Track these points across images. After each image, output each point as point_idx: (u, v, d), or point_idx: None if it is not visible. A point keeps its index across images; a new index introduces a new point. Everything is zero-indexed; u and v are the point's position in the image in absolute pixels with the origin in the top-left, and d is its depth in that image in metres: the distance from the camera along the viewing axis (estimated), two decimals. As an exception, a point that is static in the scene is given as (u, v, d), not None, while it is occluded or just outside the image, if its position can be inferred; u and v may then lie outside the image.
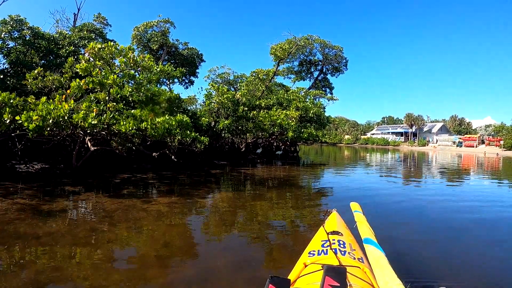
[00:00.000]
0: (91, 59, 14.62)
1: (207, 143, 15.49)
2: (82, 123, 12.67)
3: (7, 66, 18.59)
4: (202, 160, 22.68)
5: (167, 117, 14.21)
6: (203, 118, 22.23)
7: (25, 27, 19.08)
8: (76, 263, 6.03)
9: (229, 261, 6.07)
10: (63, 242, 6.97)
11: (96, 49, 14.20)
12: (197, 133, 15.45)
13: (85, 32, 24.17)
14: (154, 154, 15.56)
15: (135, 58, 14.84)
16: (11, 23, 18.60)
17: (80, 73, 14.01)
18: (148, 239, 7.40)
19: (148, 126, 13.62)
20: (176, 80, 30.14)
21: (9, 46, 18.87)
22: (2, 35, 18.37)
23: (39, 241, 7.05)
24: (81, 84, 13.73)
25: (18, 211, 9.34)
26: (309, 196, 13.40)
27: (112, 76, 13.74)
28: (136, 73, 15.18)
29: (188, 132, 14.60)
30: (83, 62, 14.20)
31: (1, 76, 17.36)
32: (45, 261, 6.06)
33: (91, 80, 13.59)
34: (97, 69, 14.09)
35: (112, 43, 14.49)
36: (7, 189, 12.18)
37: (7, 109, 12.04)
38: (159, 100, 16.86)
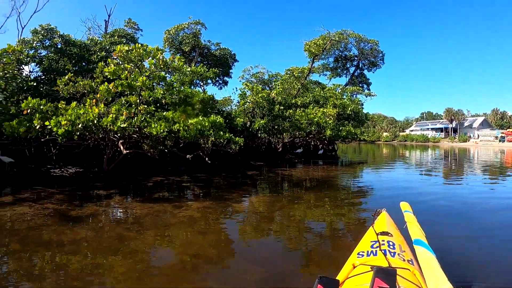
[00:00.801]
0: (120, 62, 14.36)
1: (242, 144, 14.95)
2: (111, 127, 12.42)
3: (40, 74, 18.87)
4: (238, 161, 22.14)
5: (200, 118, 13.74)
6: (238, 119, 21.71)
7: (56, 36, 19.37)
8: (98, 273, 5.71)
9: (262, 278, 5.54)
10: (86, 251, 6.64)
11: (124, 51, 14.01)
12: (232, 134, 14.95)
13: (116, 37, 24.21)
14: (188, 156, 15.12)
15: (164, 59, 14.49)
16: (42, 32, 18.92)
17: (109, 76, 13.91)
18: (176, 248, 6.96)
19: (180, 128, 13.24)
20: (209, 81, 29.82)
21: (41, 55, 19.13)
22: (34, 44, 18.67)
23: (62, 249, 6.76)
24: (110, 88, 13.51)
25: (45, 217, 9.14)
26: (348, 197, 12.74)
27: (141, 78, 13.46)
28: (168, 75, 14.83)
29: (222, 133, 14.11)
30: (112, 65, 14.05)
31: (35, 84, 17.56)
32: (65, 271, 5.77)
33: (120, 83, 13.40)
34: (126, 72, 13.83)
35: (140, 45, 14.20)
36: (38, 194, 12.07)
37: (37, 115, 12.15)
38: (192, 102, 16.47)
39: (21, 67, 17.69)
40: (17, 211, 9.71)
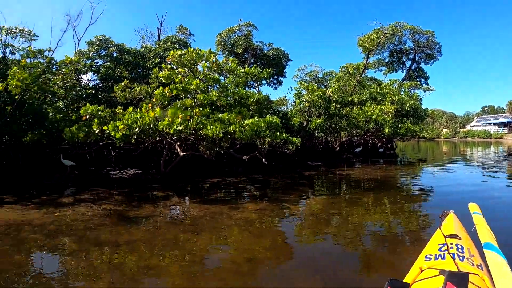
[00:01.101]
0: (174, 67, 14.46)
1: (299, 144, 14.58)
2: (168, 130, 12.60)
3: (98, 82, 19.77)
4: (295, 162, 21.73)
5: (256, 119, 13.56)
6: (294, 118, 21.29)
7: (111, 45, 20.18)
8: (153, 274, 5.70)
9: (320, 283, 5.26)
10: (142, 252, 6.64)
11: (177, 56, 14.21)
12: (289, 134, 14.63)
13: (169, 44, 24.62)
14: (244, 157, 14.99)
15: (217, 62, 14.46)
16: (98, 43, 19.81)
17: (164, 81, 14.15)
18: (232, 251, 6.80)
19: (236, 129, 13.14)
20: (264, 81, 29.65)
21: (98, 64, 20.02)
22: (91, 55, 19.61)
23: (118, 250, 6.81)
24: (166, 92, 13.64)
25: (103, 217, 9.29)
26: (408, 198, 12.19)
27: (195, 81, 13.53)
28: (222, 77, 14.79)
29: (278, 133, 13.82)
30: (166, 70, 14.27)
31: (93, 91, 18.47)
32: (121, 271, 5.81)
33: (174, 87, 13.54)
34: (180, 76, 13.91)
35: (192, 49, 14.28)
36: (97, 195, 12.38)
37: (96, 120, 12.76)
38: (247, 103, 16.34)
39: (80, 77, 18.72)
40: (76, 211, 9.95)
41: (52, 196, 12.14)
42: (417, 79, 45.18)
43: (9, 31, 17.60)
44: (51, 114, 15.67)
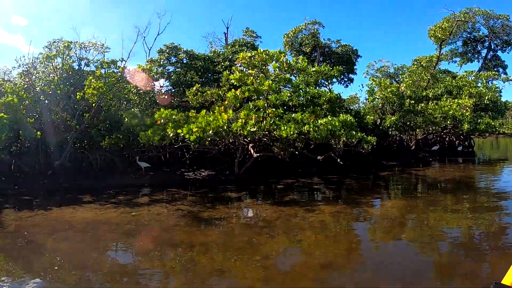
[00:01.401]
0: (244, 69, 14.43)
1: (374, 143, 14.01)
2: (241, 131, 12.57)
3: (170, 88, 20.46)
4: (369, 161, 20.98)
5: (329, 118, 13.24)
6: (368, 116, 20.60)
7: (181, 52, 20.79)
8: (227, 276, 5.72)
9: None
10: (214, 254, 6.67)
11: (247, 58, 14.19)
12: (363, 133, 14.08)
13: (237, 47, 24.74)
14: (318, 157, 14.65)
15: (288, 61, 14.26)
16: (168, 50, 20.54)
17: (235, 83, 14.18)
18: (306, 256, 6.63)
19: (311, 129, 12.87)
20: (334, 79, 28.99)
21: (169, 71, 20.71)
22: (161, 62, 20.32)
23: (191, 251, 6.84)
24: (238, 94, 13.64)
25: (178, 218, 9.43)
26: (489, 200, 11.46)
27: (267, 82, 13.37)
28: (293, 77, 14.59)
29: (354, 132, 13.37)
30: (237, 72, 14.28)
31: (166, 97, 18.82)
32: (194, 272, 5.84)
33: (246, 88, 13.47)
34: (251, 78, 13.84)
35: (261, 50, 14.23)
36: (172, 196, 12.66)
37: (170, 124, 13.04)
38: (319, 102, 16.00)
39: (152, 83, 18.93)
40: (152, 212, 10.17)
41: (129, 196, 12.56)
42: (495, 69, 42.12)
43: (82, 45, 18.61)
44: (126, 119, 16.27)
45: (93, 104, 15.48)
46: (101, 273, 6.09)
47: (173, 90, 20.02)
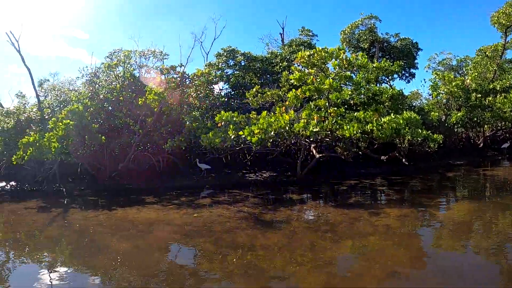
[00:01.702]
0: (304, 68, 14.31)
1: (441, 141, 13.30)
2: (304, 132, 12.35)
3: (229, 90, 20.71)
4: (435, 161, 20.09)
5: (393, 116, 12.70)
6: (432, 113, 19.65)
7: (238, 55, 20.90)
8: (287, 282, 5.61)
9: None
10: (276, 257, 6.56)
11: (306, 57, 13.90)
12: (428, 131, 13.45)
13: (294, 47, 24.57)
14: (382, 157, 14.15)
15: (347, 58, 13.90)
16: (225, 54, 20.75)
17: (295, 83, 13.95)
18: (370, 263, 6.32)
19: (374, 128, 12.41)
20: (395, 75, 28.00)
21: (228, 73, 20.89)
22: (220, 65, 20.60)
23: (254, 253, 6.81)
24: (298, 94, 13.42)
25: (239, 220, 9.41)
26: None
27: (328, 80, 13.05)
28: (353, 74, 14.24)
29: (419, 130, 12.74)
30: (296, 72, 14.04)
31: (226, 99, 19.44)
32: (254, 276, 5.80)
33: (307, 88, 13.23)
34: (311, 77, 13.61)
35: (320, 48, 13.97)
36: (234, 197, 12.78)
37: (231, 126, 13.01)
38: (381, 99, 15.50)
39: (212, 87, 19.44)
40: (213, 213, 10.25)
41: (191, 197, 12.83)
42: None
43: (142, 54, 19.63)
44: (187, 122, 16.81)
45: (155, 109, 16.07)
46: (161, 274, 6.21)
47: (232, 92, 20.31)
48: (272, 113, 13.55)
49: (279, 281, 5.55)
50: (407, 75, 30.88)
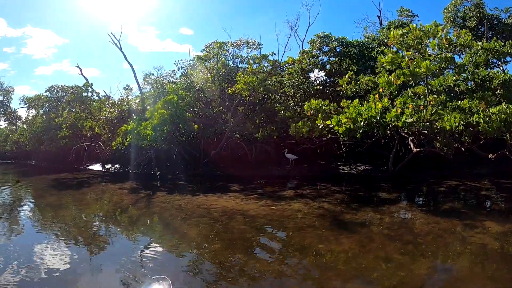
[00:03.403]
0: (398, 50, 13.23)
1: None
2: (395, 122, 10.95)
3: (325, 78, 20.04)
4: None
5: (504, 106, 10.72)
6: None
7: (332, 40, 19.90)
8: None
9: None
10: (341, 269, 5.78)
11: (398, 37, 12.49)
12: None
13: (392, 29, 23.06)
14: (490, 155, 12.39)
15: (448, 37, 12.17)
16: (319, 40, 19.85)
17: (388, 67, 12.70)
18: None
19: (480, 120, 10.55)
20: (508, 58, 24.97)
21: (323, 61, 20.05)
22: (314, 52, 19.80)
23: (318, 260, 6.21)
24: (391, 79, 12.06)
25: (316, 217, 8.83)
26: None
27: (424, 63, 11.50)
28: (456, 56, 12.71)
29: (539, 124, 10.72)
30: (389, 54, 12.58)
31: (321, 87, 18.89)
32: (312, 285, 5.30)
33: (401, 72, 11.78)
34: (406, 59, 12.15)
35: (414, 26, 12.50)
36: (319, 191, 12.28)
37: (320, 115, 12.45)
38: (491, 86, 13.51)
39: (307, 75, 19.48)
40: (292, 207, 9.81)
41: (275, 188, 12.68)
42: None
43: (235, 45, 20.13)
44: (281, 112, 16.78)
45: (247, 98, 16.49)
46: (215, 265, 6.04)
47: (328, 80, 19.61)
48: (365, 101, 12.46)
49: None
50: (523, 57, 27.50)
